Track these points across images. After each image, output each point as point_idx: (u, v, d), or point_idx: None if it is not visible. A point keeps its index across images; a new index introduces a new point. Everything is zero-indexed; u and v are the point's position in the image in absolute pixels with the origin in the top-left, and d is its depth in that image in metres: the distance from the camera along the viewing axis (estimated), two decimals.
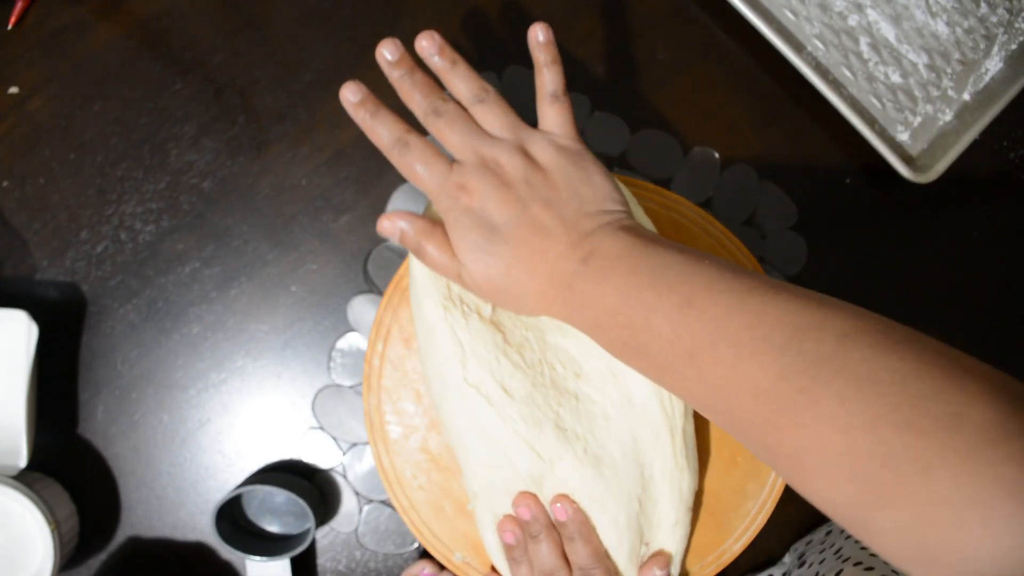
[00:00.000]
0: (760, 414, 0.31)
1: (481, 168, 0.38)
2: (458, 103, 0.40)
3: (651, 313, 0.34)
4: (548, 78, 0.40)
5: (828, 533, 0.50)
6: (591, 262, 0.36)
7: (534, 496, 0.42)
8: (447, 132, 0.39)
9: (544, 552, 0.41)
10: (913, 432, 0.28)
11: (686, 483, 0.43)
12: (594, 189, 0.38)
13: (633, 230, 0.37)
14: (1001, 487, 0.26)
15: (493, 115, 0.39)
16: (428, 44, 0.39)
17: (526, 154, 0.38)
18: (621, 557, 0.42)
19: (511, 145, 0.39)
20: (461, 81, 0.40)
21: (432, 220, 0.40)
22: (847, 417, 0.29)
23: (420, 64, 0.40)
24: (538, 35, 0.40)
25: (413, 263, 0.42)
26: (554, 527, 0.42)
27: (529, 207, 0.37)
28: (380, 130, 0.39)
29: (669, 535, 0.43)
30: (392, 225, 0.39)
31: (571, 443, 0.41)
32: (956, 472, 0.27)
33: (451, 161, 0.39)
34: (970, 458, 0.27)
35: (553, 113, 0.40)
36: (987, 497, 0.26)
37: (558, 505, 0.41)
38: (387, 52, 0.39)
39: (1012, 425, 0.27)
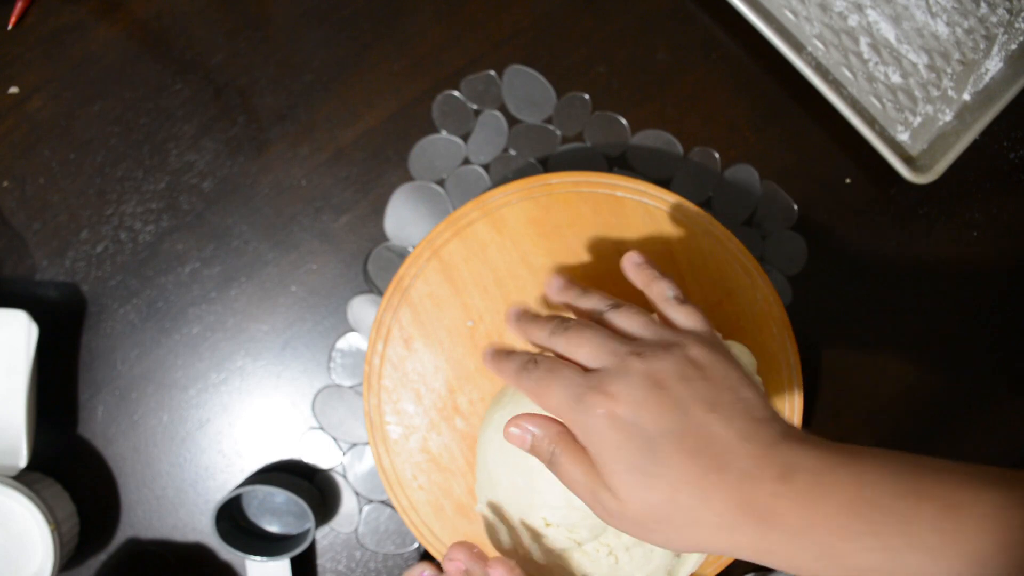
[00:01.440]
0: None
1: (623, 367, 0.32)
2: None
3: (909, 526, 0.28)
4: (663, 287, 0.37)
5: None
6: (795, 480, 0.29)
7: (471, 547, 0.40)
8: (576, 343, 0.34)
9: None
10: None
11: None
12: (755, 391, 0.33)
13: (812, 438, 0.31)
14: None
15: (629, 318, 0.35)
16: (557, 283, 0.39)
17: (676, 348, 0.33)
18: None
19: (655, 342, 0.33)
20: (594, 299, 0.37)
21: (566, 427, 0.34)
22: None
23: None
24: (633, 260, 0.39)
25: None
26: None
27: (691, 412, 0.31)
28: (507, 365, 0.36)
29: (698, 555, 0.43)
30: (522, 432, 0.34)
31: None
32: None
33: (586, 369, 0.33)
34: None
35: (684, 313, 0.36)
36: None
37: (492, 572, 0.39)
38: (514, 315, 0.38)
39: None
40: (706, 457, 0.30)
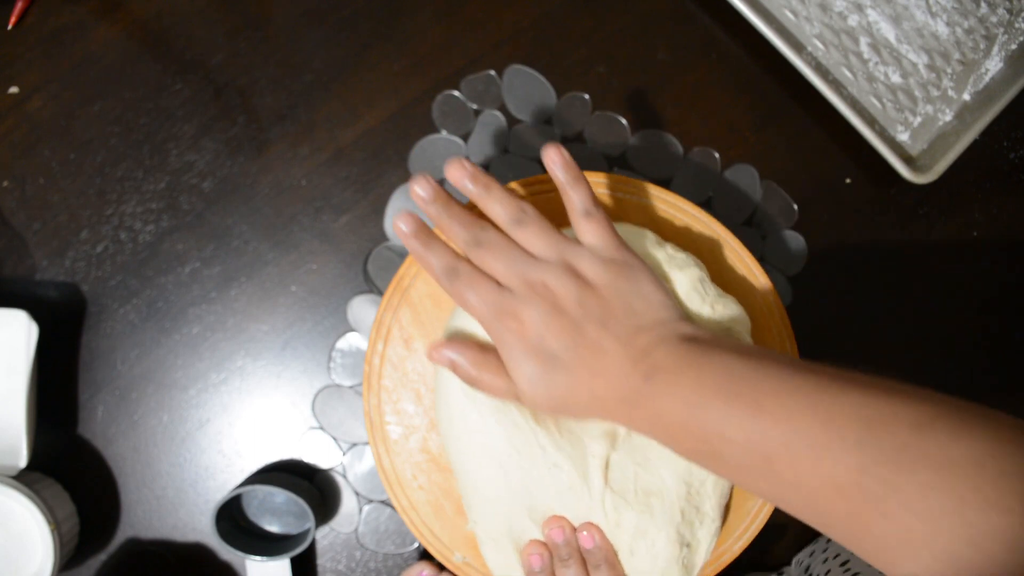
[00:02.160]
0: (843, 508, 0.32)
1: (531, 295, 0.38)
2: (498, 228, 0.39)
3: (722, 422, 0.34)
4: (575, 197, 0.40)
5: (829, 540, 0.50)
6: (654, 378, 0.36)
7: (566, 519, 0.42)
8: (490, 261, 0.39)
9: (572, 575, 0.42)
10: (997, 510, 0.28)
11: (728, 488, 0.44)
12: (646, 301, 0.38)
13: (691, 338, 0.37)
14: None
15: (535, 236, 0.39)
16: (459, 173, 0.39)
17: (574, 272, 0.38)
18: (653, 574, 0.42)
19: (557, 265, 0.38)
20: (497, 204, 0.39)
21: (480, 345, 0.40)
22: (932, 503, 0.30)
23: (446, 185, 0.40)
24: (553, 157, 0.40)
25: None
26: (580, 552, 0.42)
27: (585, 330, 0.37)
28: (431, 259, 0.39)
29: (709, 534, 0.43)
30: (443, 357, 0.39)
31: (623, 490, 0.41)
32: None
33: (500, 286, 0.38)
34: None
35: (590, 228, 0.40)
36: None
37: (584, 533, 0.41)
38: (420, 189, 0.39)
39: None
40: (595, 365, 0.37)
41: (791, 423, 0.33)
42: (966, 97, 0.56)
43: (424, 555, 0.52)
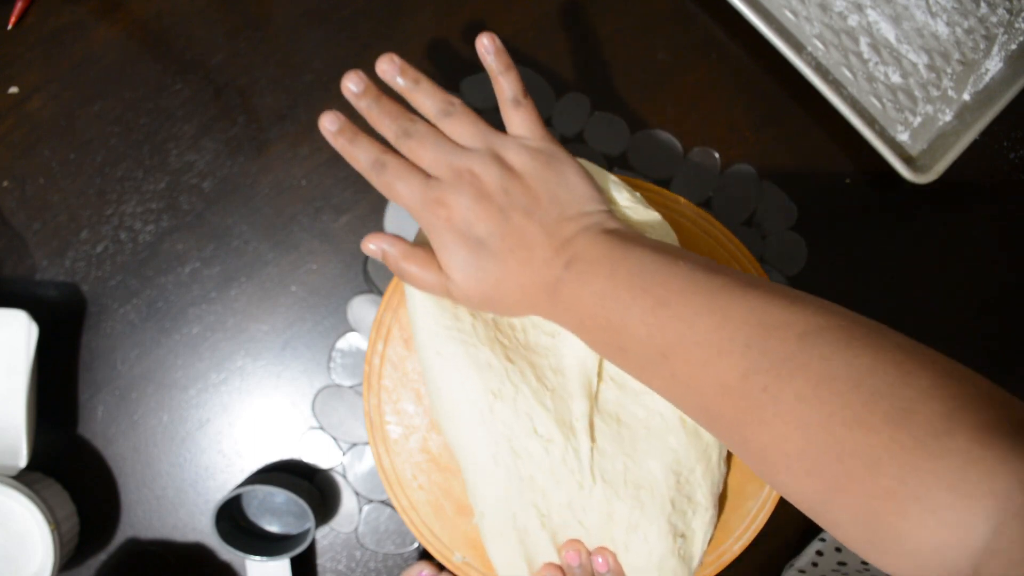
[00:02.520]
0: (728, 411, 0.33)
1: (458, 182, 0.38)
2: (428, 122, 0.40)
3: (627, 315, 0.35)
4: (505, 84, 0.40)
5: (818, 551, 0.50)
6: (573, 267, 0.37)
7: (581, 543, 0.42)
8: (419, 151, 0.39)
9: None
10: (863, 428, 0.29)
11: (720, 477, 0.44)
12: (571, 191, 0.39)
13: (613, 232, 0.38)
14: (941, 481, 0.27)
15: (462, 126, 0.40)
16: (388, 67, 0.40)
17: (500, 161, 0.39)
18: (650, 568, 0.42)
19: (484, 154, 0.39)
20: (426, 98, 0.40)
21: (416, 243, 0.40)
22: (804, 415, 0.30)
23: (387, 90, 0.40)
24: (485, 44, 0.40)
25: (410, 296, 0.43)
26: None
27: (511, 217, 0.38)
28: (358, 154, 0.40)
29: (704, 523, 0.43)
30: (376, 247, 0.40)
31: (613, 481, 0.41)
32: (901, 466, 0.28)
33: (428, 176, 0.39)
34: (914, 452, 0.28)
35: (518, 118, 0.40)
36: (928, 491, 0.27)
37: (599, 559, 0.42)
38: (351, 84, 0.40)
39: (958, 417, 0.28)
40: (520, 252, 0.38)
41: (688, 321, 0.33)
42: (966, 97, 0.56)
43: (424, 555, 0.52)
